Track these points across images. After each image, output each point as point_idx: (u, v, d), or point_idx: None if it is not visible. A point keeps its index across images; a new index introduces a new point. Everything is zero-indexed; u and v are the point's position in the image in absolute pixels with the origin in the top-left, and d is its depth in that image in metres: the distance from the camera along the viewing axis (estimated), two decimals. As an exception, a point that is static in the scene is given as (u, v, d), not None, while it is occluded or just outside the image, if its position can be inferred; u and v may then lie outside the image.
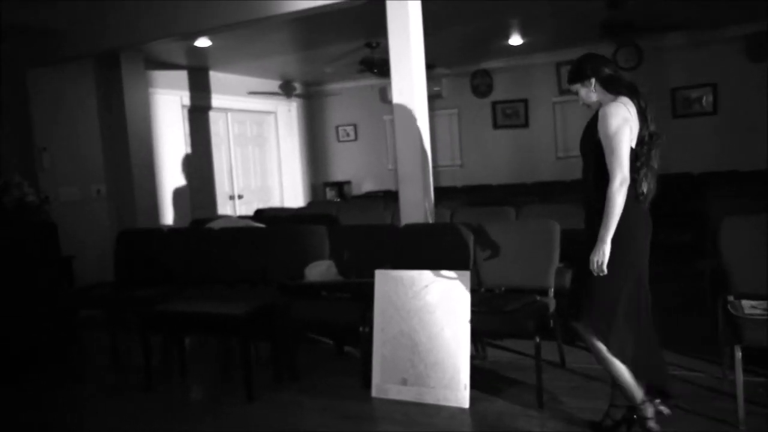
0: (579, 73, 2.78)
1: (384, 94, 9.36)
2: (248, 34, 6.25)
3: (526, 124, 8.67)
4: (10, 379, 4.12)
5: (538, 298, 3.45)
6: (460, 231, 3.85)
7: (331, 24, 6.02)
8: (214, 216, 6.58)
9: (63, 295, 4.75)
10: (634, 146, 2.62)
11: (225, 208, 8.50)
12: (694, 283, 4.63)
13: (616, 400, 2.83)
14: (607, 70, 2.73)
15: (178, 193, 7.56)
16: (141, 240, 5.04)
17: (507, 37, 7.27)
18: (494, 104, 8.83)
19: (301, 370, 3.89)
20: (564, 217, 3.80)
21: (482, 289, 3.75)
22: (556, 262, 3.54)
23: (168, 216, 7.23)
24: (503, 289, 3.80)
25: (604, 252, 2.57)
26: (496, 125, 8.88)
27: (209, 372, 4.26)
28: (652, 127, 2.67)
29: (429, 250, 3.87)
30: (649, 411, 2.68)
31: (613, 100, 2.65)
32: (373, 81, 9.10)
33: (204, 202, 8.05)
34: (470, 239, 3.80)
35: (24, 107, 5.94)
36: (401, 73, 4.16)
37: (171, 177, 7.45)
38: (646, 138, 2.64)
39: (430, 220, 4.23)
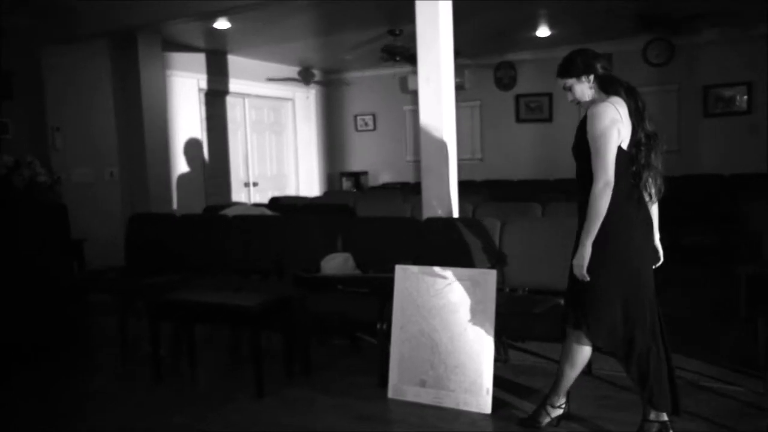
0: (573, 67, 2.63)
1: (405, 84, 9.14)
2: (268, 17, 6.09)
3: (550, 119, 8.44)
4: (18, 366, 4.01)
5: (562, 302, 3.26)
6: (486, 227, 3.67)
7: (353, 9, 5.85)
8: (229, 203, 6.45)
9: (72, 279, 4.63)
10: (626, 148, 2.53)
11: (240, 195, 8.37)
12: (725, 288, 4.41)
13: (648, 414, 2.65)
14: (603, 68, 2.62)
15: (192, 179, 7.43)
16: (152, 225, 4.92)
17: (534, 28, 7.05)
18: (518, 97, 8.61)
19: (314, 366, 3.74)
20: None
21: (506, 289, 3.59)
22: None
23: (181, 201, 7.10)
24: (526, 289, 3.64)
25: (584, 256, 2.50)
26: (518, 119, 8.67)
27: (219, 363, 4.12)
28: (650, 128, 2.57)
29: (452, 245, 3.69)
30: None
31: (604, 100, 2.54)
32: (394, 70, 8.91)
33: (218, 189, 7.93)
34: (496, 236, 3.63)
35: (38, 85, 5.82)
36: (428, 60, 3.97)
37: (185, 161, 7.32)
38: (643, 139, 2.55)
39: (454, 215, 4.04)
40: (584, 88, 2.63)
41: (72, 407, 3.47)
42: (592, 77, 2.61)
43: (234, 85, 8.12)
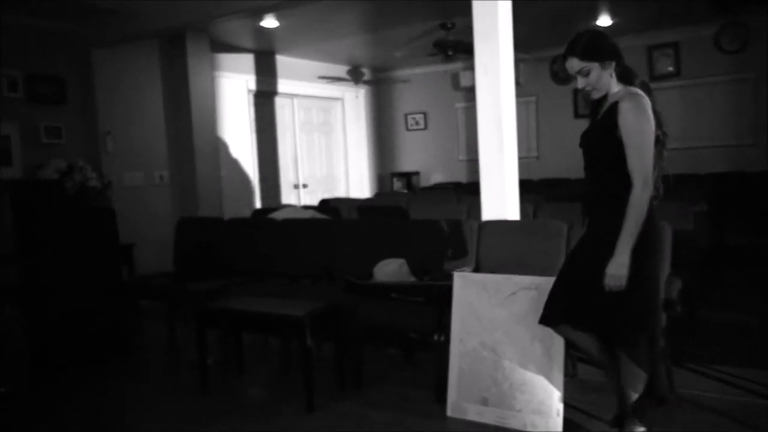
0: (600, 50, 2.35)
1: (457, 81, 8.89)
2: (316, 14, 5.94)
3: (610, 114, 7.99)
4: (66, 372, 3.96)
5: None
6: (552, 230, 3.38)
7: (403, 3, 5.62)
8: (278, 205, 6.32)
9: (120, 284, 4.57)
10: None
11: (289, 197, 8.27)
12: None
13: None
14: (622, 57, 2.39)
15: (241, 181, 7.36)
16: (200, 229, 4.82)
17: (594, 17, 6.65)
18: (575, 92, 8.20)
19: (366, 378, 3.53)
20: (670, 218, 3.26)
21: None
22: (667, 270, 3.02)
23: (231, 204, 7.02)
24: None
25: (624, 264, 2.26)
26: (577, 114, 8.25)
27: (268, 373, 3.96)
28: (663, 127, 2.41)
29: (515, 251, 3.41)
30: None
31: (633, 92, 2.31)
32: (446, 66, 8.65)
33: (268, 191, 7.83)
34: (562, 239, 3.33)
35: (89, 89, 5.82)
36: (486, 50, 3.70)
37: (234, 164, 7.24)
38: (661, 137, 2.41)
39: (516, 217, 3.76)
40: (605, 76, 2.36)
41: (115, 415, 3.39)
42: (613, 65, 2.36)
43: (282, 85, 8.02)
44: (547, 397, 2.78)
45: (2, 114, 5.22)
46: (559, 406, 2.76)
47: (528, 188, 6.55)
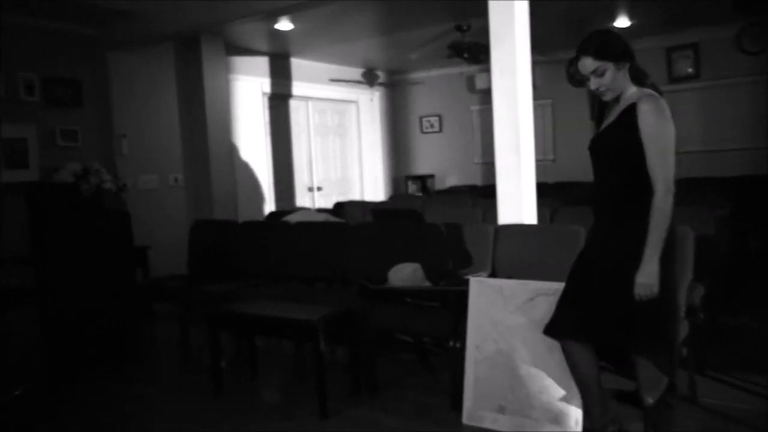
0: (614, 49, 2.28)
1: (472, 83, 8.83)
2: (330, 17, 5.91)
3: (628, 116, 7.88)
4: (80, 375, 3.96)
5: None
6: (570, 234, 3.31)
7: (418, 4, 5.58)
8: (292, 208, 6.30)
9: (134, 287, 4.57)
10: None
11: (304, 200, 8.25)
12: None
13: None
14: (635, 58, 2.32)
15: (256, 184, 7.35)
16: (214, 232, 4.81)
17: (612, 18, 6.55)
18: (592, 95, 8.08)
19: (380, 383, 3.48)
20: (691, 223, 3.18)
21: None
22: (689, 276, 2.94)
23: (245, 207, 7.01)
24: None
25: (654, 272, 2.18)
26: (593, 117, 8.13)
27: (282, 377, 3.93)
28: None
29: (532, 255, 3.35)
30: None
31: (650, 94, 2.25)
32: (461, 69, 8.58)
33: (282, 194, 7.82)
34: (580, 244, 3.25)
35: (105, 92, 5.84)
36: (502, 52, 3.64)
37: (249, 166, 7.24)
38: None
39: (533, 221, 3.69)
40: (619, 77, 2.29)
41: (128, 416, 3.39)
42: (627, 65, 2.29)
43: (297, 88, 8.01)
44: (565, 406, 2.71)
45: (19, 117, 5.25)
46: (578, 416, 2.69)
47: (544, 192, 6.47)
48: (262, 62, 7.50)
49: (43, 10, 5.15)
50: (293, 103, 8.11)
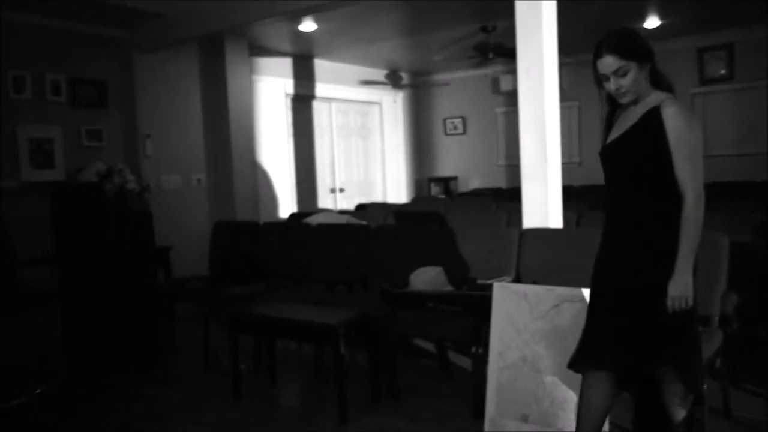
0: (638, 49, 2.14)
1: (497, 85, 8.73)
2: (354, 17, 5.88)
3: (655, 119, 7.71)
4: (101, 376, 3.96)
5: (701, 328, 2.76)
6: (597, 239, 3.20)
7: (443, 5, 5.52)
8: (314, 210, 6.28)
9: (157, 288, 4.57)
10: None
11: (326, 201, 8.23)
12: None
13: None
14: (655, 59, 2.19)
15: (278, 185, 7.34)
16: (235, 233, 4.79)
17: (642, 18, 6.41)
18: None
19: (401, 389, 3.42)
20: (725, 229, 3.06)
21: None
22: (723, 285, 2.83)
23: (267, 208, 7.01)
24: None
25: (688, 283, 2.07)
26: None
27: (302, 381, 3.89)
28: None
29: (558, 260, 3.26)
30: None
31: (672, 97, 2.15)
32: (485, 70, 8.49)
33: (304, 195, 7.81)
34: (609, 249, 3.15)
35: (130, 93, 5.88)
36: (529, 51, 3.56)
37: (272, 168, 7.24)
38: None
39: (558, 225, 3.60)
40: (641, 78, 2.14)
41: (148, 417, 3.37)
42: (649, 67, 2.15)
43: (320, 89, 7.99)
44: (592, 417, 2.62)
45: (46, 117, 5.31)
46: (605, 427, 2.60)
47: (570, 195, 6.34)
48: (286, 63, 7.50)
49: (70, 13, 5.20)
50: (316, 105, 8.10)
